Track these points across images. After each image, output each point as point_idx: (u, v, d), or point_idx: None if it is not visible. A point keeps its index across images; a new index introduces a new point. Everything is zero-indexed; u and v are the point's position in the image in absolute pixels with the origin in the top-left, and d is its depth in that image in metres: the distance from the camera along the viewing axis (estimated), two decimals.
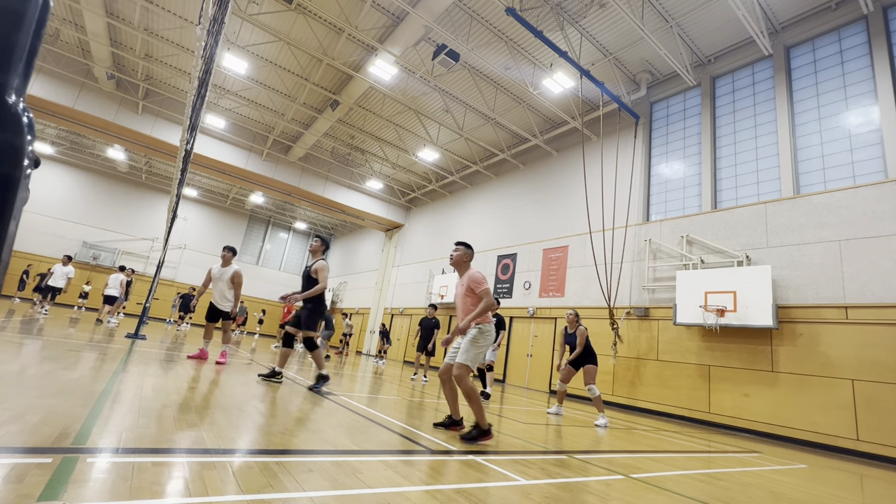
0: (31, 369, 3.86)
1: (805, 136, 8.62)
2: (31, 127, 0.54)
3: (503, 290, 14.23)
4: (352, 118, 15.48)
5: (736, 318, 8.07)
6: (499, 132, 14.69)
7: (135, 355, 6.16)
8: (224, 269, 6.92)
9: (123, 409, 2.95)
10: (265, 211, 27.89)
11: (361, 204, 20.56)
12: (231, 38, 11.90)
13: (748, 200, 9.12)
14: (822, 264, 7.55)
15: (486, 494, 2.31)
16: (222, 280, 6.87)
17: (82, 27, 12.78)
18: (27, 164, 0.53)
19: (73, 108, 14.49)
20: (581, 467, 3.33)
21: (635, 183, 11.19)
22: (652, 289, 10.02)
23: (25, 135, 0.52)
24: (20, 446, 1.97)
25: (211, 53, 6.53)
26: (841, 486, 4.14)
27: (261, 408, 3.79)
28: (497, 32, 10.54)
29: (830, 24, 8.63)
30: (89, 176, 23.60)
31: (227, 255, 6.99)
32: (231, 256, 7.01)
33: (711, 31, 9.76)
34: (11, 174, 0.51)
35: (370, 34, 10.96)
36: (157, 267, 10.50)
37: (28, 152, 0.53)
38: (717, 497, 2.98)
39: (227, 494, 1.78)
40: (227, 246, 7.11)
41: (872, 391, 6.56)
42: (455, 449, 3.30)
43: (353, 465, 2.46)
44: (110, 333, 9.42)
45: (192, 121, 8.11)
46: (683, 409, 8.66)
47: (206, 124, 16.11)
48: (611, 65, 10.95)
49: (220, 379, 5.23)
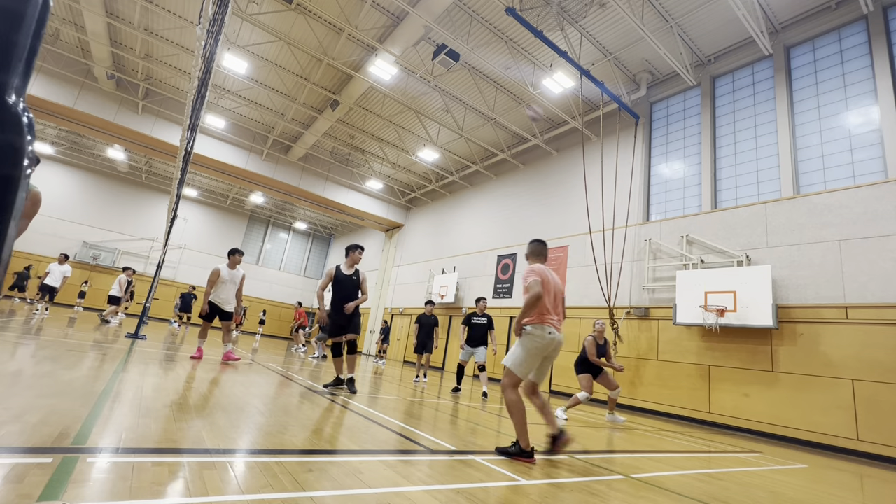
0: (31, 369, 3.86)
1: (805, 136, 8.62)
2: (31, 127, 0.54)
3: (503, 290, 14.23)
4: (352, 118, 15.48)
5: (736, 318, 8.07)
6: (499, 132, 14.69)
7: (135, 355, 6.16)
8: (233, 271, 7.02)
9: (123, 409, 2.95)
10: (265, 211, 27.88)
11: (361, 204, 20.56)
12: (231, 37, 11.89)
13: (748, 200, 9.12)
14: (822, 264, 7.55)
15: (486, 494, 2.31)
16: (233, 282, 6.98)
17: (82, 27, 12.78)
18: (27, 164, 0.53)
19: (73, 108, 14.49)
20: (581, 467, 3.33)
21: (635, 183, 11.19)
22: (652, 289, 10.02)
23: (25, 135, 0.52)
24: (20, 446, 1.97)
25: (211, 53, 6.53)
26: (841, 486, 4.13)
27: (261, 408, 3.79)
28: (497, 32, 10.54)
29: (830, 24, 8.63)
30: (89, 176, 23.60)
31: (238, 258, 7.10)
32: (241, 259, 7.12)
33: (711, 31, 9.76)
34: (11, 174, 0.51)
35: (370, 34, 10.96)
36: (157, 267, 10.50)
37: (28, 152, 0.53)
38: (717, 497, 2.98)
39: (227, 494, 1.78)
40: (237, 249, 7.18)
41: (872, 391, 6.56)
42: (455, 449, 3.30)
43: (353, 465, 2.46)
44: (110, 333, 9.42)
45: (192, 121, 8.11)
46: (683, 409, 8.66)
47: (206, 124, 16.11)
48: (611, 65, 10.95)
49: (220, 379, 5.23)
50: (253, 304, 26.44)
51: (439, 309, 16.53)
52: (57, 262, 11.97)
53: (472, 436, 4.00)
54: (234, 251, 7.10)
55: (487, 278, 15.06)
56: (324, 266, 30.66)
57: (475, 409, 6.13)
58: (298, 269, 29.82)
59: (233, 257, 7.06)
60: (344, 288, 5.70)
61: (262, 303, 27.08)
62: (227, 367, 6.44)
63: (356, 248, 5.88)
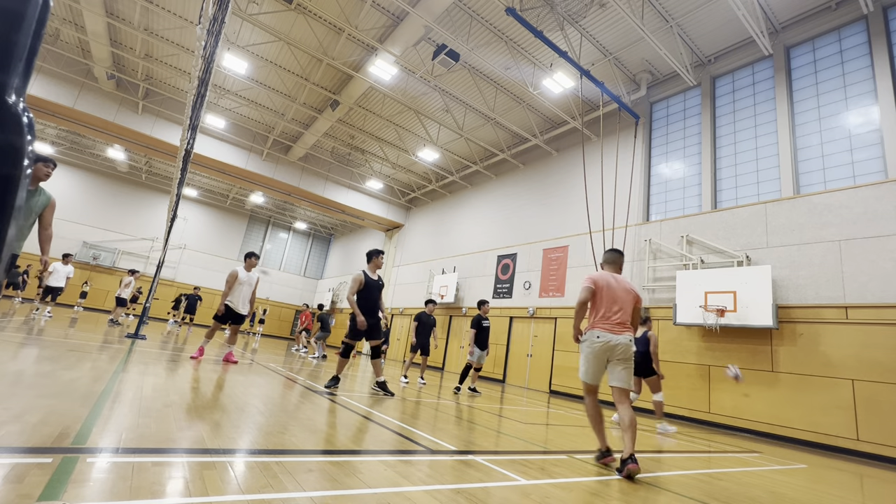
0: (31, 369, 3.86)
1: (805, 136, 8.62)
2: (31, 127, 0.54)
3: (503, 290, 14.23)
4: (352, 118, 15.48)
5: (736, 318, 8.07)
6: (499, 132, 14.69)
7: (135, 355, 6.16)
8: (250, 274, 7.07)
9: (123, 409, 2.95)
10: (265, 211, 27.89)
11: (361, 204, 20.56)
12: (231, 38, 11.89)
13: (748, 200, 9.12)
14: (822, 264, 7.55)
15: (486, 494, 2.31)
16: (249, 285, 7.02)
17: (82, 27, 12.78)
18: (27, 164, 0.53)
19: (73, 108, 14.48)
20: (581, 467, 3.33)
21: (635, 183, 11.19)
22: (652, 289, 10.02)
23: (25, 135, 0.52)
24: (20, 446, 1.97)
25: (211, 53, 6.53)
26: (841, 486, 4.13)
27: (261, 408, 3.79)
28: (497, 32, 10.54)
29: (830, 24, 8.63)
30: (89, 176, 23.60)
31: (255, 261, 7.15)
32: (256, 262, 7.18)
33: (711, 31, 9.76)
34: (11, 174, 0.51)
35: (370, 34, 10.96)
36: (157, 267, 10.50)
37: (28, 152, 0.53)
38: (717, 497, 2.98)
39: (227, 494, 1.78)
40: (254, 252, 7.23)
41: (872, 391, 6.56)
42: (455, 449, 3.30)
43: (353, 465, 2.46)
44: (110, 333, 9.43)
45: (192, 121, 8.11)
46: (683, 409, 8.66)
47: (206, 124, 16.11)
48: (611, 65, 10.95)
49: (220, 379, 5.23)
50: (256, 304, 26.41)
51: (439, 309, 16.54)
52: (60, 262, 11.94)
53: (472, 436, 4.00)
54: (251, 254, 7.14)
55: (487, 278, 15.05)
56: (324, 266, 30.67)
57: (475, 409, 6.13)
58: (298, 269, 29.83)
59: (249, 260, 7.10)
60: (372, 292, 5.79)
61: (262, 302, 27.10)
62: (228, 368, 6.45)
63: (379, 254, 5.99)
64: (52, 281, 11.61)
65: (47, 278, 11.59)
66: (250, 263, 7.08)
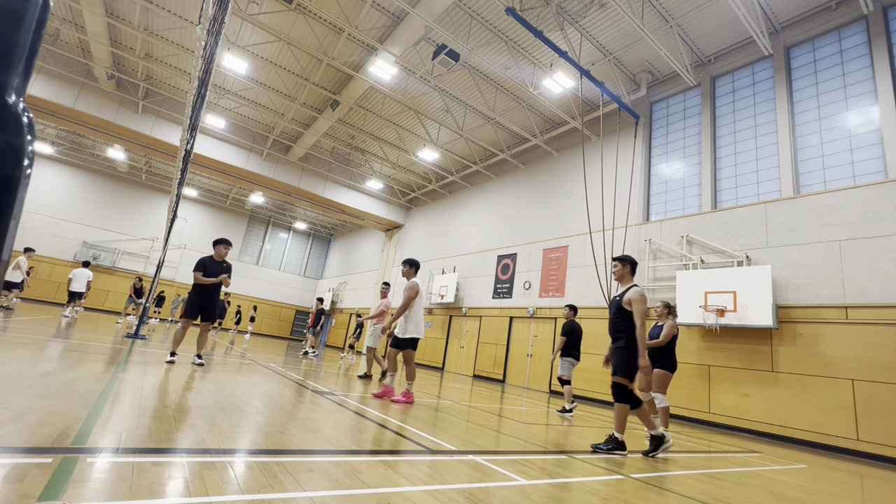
0: (31, 369, 3.86)
1: (805, 136, 8.62)
2: (31, 127, 0.54)
3: (503, 291, 14.23)
4: (352, 118, 15.48)
5: (736, 318, 8.06)
6: (499, 132, 14.69)
7: (135, 355, 6.16)
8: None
9: (123, 409, 2.95)
10: (265, 211, 27.88)
11: (361, 204, 20.56)
12: (231, 38, 11.89)
13: (748, 200, 9.12)
14: (822, 264, 7.55)
15: (486, 494, 2.31)
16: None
17: (82, 27, 12.77)
18: (27, 164, 0.53)
19: (73, 108, 14.48)
20: (581, 467, 3.33)
21: (635, 183, 11.19)
22: (652, 289, 10.02)
23: (25, 135, 0.52)
24: (20, 446, 1.97)
25: (211, 53, 6.53)
26: (841, 486, 4.13)
27: (261, 408, 3.79)
28: (497, 32, 10.54)
29: (830, 24, 8.63)
30: (89, 176, 23.59)
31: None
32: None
33: (711, 31, 9.76)
34: (11, 174, 0.51)
35: (370, 34, 10.96)
36: (157, 267, 10.50)
37: (28, 152, 0.53)
38: (717, 497, 2.98)
39: (227, 494, 1.78)
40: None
41: (872, 391, 6.56)
42: (455, 449, 3.30)
43: (353, 465, 2.46)
44: (110, 333, 9.42)
45: (192, 121, 8.11)
46: (683, 409, 8.66)
47: (206, 124, 16.11)
48: (611, 65, 10.95)
49: (221, 379, 5.23)
50: (252, 303, 26.42)
51: (439, 309, 16.53)
52: (81, 268, 12.78)
53: (473, 436, 4.00)
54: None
55: (487, 278, 15.05)
56: (324, 266, 30.68)
57: (475, 408, 6.13)
58: (298, 269, 29.83)
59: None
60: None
61: (262, 302, 27.11)
62: (226, 367, 6.44)
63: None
64: (73, 286, 12.46)
65: (69, 284, 12.45)
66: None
